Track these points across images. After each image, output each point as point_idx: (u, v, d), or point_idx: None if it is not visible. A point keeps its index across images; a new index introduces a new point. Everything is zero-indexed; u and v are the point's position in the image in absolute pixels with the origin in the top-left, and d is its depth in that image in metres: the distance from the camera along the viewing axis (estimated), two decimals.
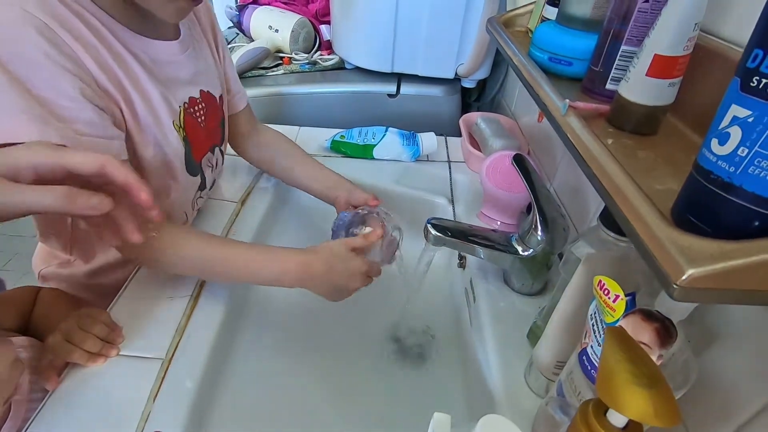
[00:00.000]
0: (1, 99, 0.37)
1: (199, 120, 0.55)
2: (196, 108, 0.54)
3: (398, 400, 0.55)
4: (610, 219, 0.38)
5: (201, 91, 0.55)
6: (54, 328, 0.45)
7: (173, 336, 0.47)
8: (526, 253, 0.51)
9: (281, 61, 0.99)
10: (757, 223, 0.20)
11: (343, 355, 0.59)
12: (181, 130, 0.51)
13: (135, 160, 0.48)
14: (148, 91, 0.46)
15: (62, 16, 0.40)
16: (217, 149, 0.61)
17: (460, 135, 0.85)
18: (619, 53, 0.36)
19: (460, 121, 0.83)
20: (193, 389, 0.43)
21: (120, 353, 0.45)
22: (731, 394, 0.32)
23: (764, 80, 0.19)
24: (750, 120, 0.20)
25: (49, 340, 0.45)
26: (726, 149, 0.21)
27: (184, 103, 0.52)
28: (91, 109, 0.41)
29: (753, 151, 0.20)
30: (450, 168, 0.79)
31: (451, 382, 0.57)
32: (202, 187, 0.59)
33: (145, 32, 0.47)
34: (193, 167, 0.55)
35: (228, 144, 0.67)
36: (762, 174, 0.20)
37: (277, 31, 0.98)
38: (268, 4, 1.06)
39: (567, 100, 0.34)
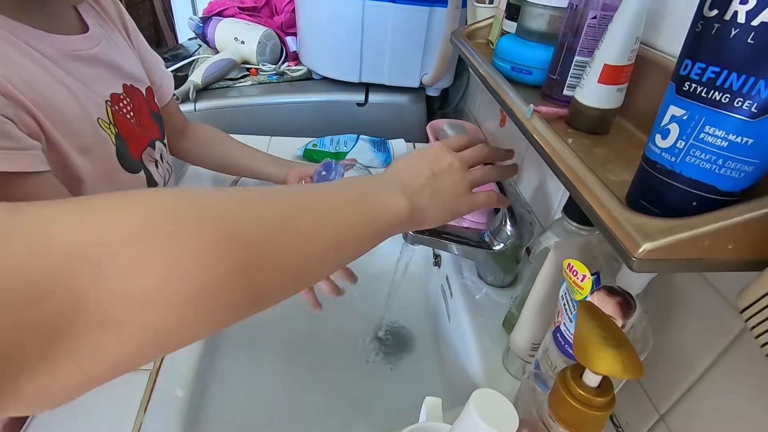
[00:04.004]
0: None
1: (128, 116, 0.52)
2: (121, 105, 0.51)
3: (382, 395, 0.57)
4: (573, 211, 0.42)
5: (124, 85, 0.52)
6: None
7: None
8: (497, 247, 0.55)
9: (248, 73, 1.00)
10: (695, 203, 0.24)
11: (327, 355, 0.60)
12: (111, 126, 0.49)
13: (67, 169, 0.45)
14: (66, 92, 0.43)
15: None
16: (158, 143, 0.58)
17: (427, 141, 0.89)
18: (573, 63, 0.41)
19: (427, 128, 0.87)
20: (184, 397, 0.44)
21: None
22: (681, 359, 0.36)
23: (694, 85, 0.23)
24: (685, 118, 0.24)
25: None
26: (667, 143, 0.25)
27: (106, 101, 0.49)
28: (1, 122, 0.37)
29: (689, 143, 0.24)
30: None
31: (432, 374, 0.60)
32: (151, 184, 0.56)
33: (48, 28, 0.44)
34: (131, 164, 0.52)
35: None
36: (697, 162, 0.24)
37: (243, 42, 0.99)
38: (233, 16, 1.06)
39: (531, 105, 0.38)
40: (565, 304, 0.35)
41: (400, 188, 0.35)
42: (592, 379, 0.26)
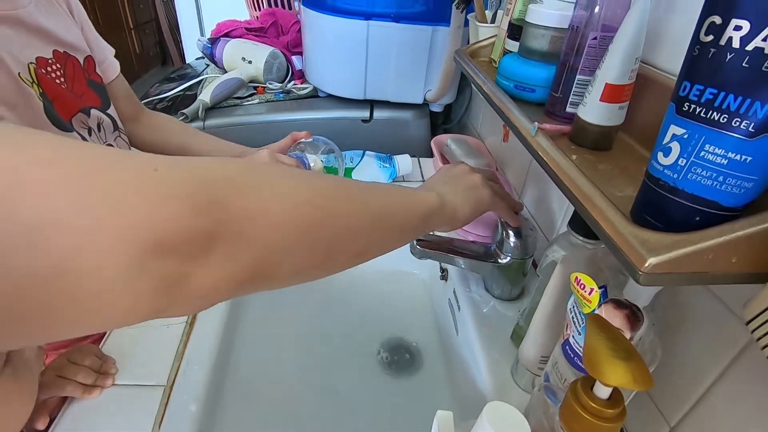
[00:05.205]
0: None
1: (58, 81, 0.52)
2: (50, 69, 0.52)
3: (392, 408, 0.58)
4: (578, 225, 0.43)
5: (55, 51, 0.53)
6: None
7: (173, 362, 0.48)
8: (504, 261, 0.55)
9: (255, 91, 1.02)
10: (698, 218, 0.25)
11: (337, 370, 0.60)
12: (34, 85, 0.49)
13: None
14: None
15: None
16: (95, 112, 0.58)
17: (431, 156, 0.91)
18: (575, 81, 0.42)
19: (432, 143, 0.89)
20: (198, 411, 0.44)
21: (121, 383, 0.45)
22: (690, 370, 0.37)
23: (693, 105, 0.24)
24: (685, 137, 0.25)
25: (40, 378, 0.44)
26: (669, 160, 0.26)
27: (30, 63, 0.49)
28: None
29: (690, 161, 0.25)
30: None
31: (441, 387, 0.60)
32: None
33: None
34: (61, 123, 0.52)
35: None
36: (698, 179, 0.25)
37: (250, 62, 1.01)
38: (240, 37, 1.09)
39: (536, 123, 0.39)
40: (573, 317, 0.36)
41: (425, 187, 0.43)
42: (602, 391, 0.27)
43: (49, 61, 0.52)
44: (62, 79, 0.53)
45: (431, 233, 0.73)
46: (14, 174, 0.16)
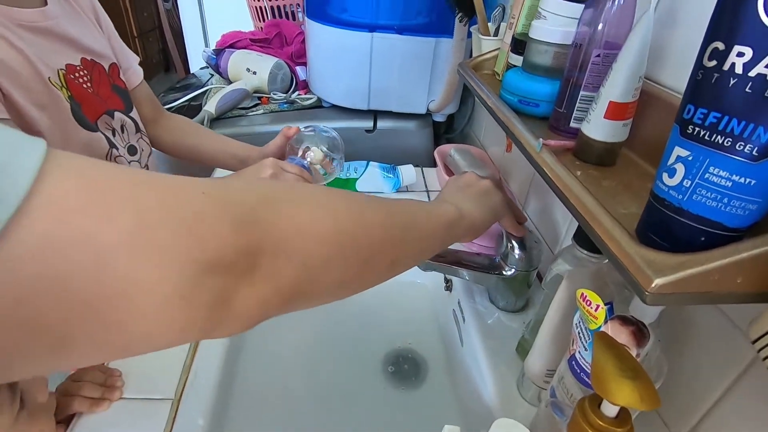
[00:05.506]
0: None
1: (85, 86, 0.56)
2: (78, 75, 0.55)
3: (398, 422, 0.57)
4: (583, 239, 0.43)
5: (83, 59, 0.57)
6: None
7: (180, 375, 0.48)
8: (509, 273, 0.56)
9: (260, 102, 1.03)
10: (703, 239, 0.26)
11: (343, 381, 0.60)
12: (63, 89, 0.52)
13: (25, 123, 0.47)
14: (17, 52, 0.47)
15: None
16: (119, 114, 0.62)
17: (434, 165, 0.91)
18: (579, 97, 0.42)
19: (435, 153, 0.89)
20: (205, 424, 0.44)
21: (128, 397, 0.45)
22: (696, 386, 0.37)
23: (697, 128, 0.25)
24: (690, 159, 0.25)
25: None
26: (674, 181, 0.26)
27: (60, 69, 0.52)
28: None
29: (695, 182, 0.25)
30: (429, 197, 0.84)
31: (446, 400, 0.60)
32: (112, 146, 0.59)
33: (4, 1, 0.48)
34: (87, 124, 0.55)
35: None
36: (703, 200, 0.25)
37: (255, 73, 1.02)
38: (245, 48, 1.10)
39: (541, 139, 0.39)
40: (579, 333, 0.36)
41: (440, 201, 0.44)
42: (610, 410, 0.27)
43: (77, 67, 0.56)
44: (89, 84, 0.57)
45: None
46: (78, 197, 0.17)
